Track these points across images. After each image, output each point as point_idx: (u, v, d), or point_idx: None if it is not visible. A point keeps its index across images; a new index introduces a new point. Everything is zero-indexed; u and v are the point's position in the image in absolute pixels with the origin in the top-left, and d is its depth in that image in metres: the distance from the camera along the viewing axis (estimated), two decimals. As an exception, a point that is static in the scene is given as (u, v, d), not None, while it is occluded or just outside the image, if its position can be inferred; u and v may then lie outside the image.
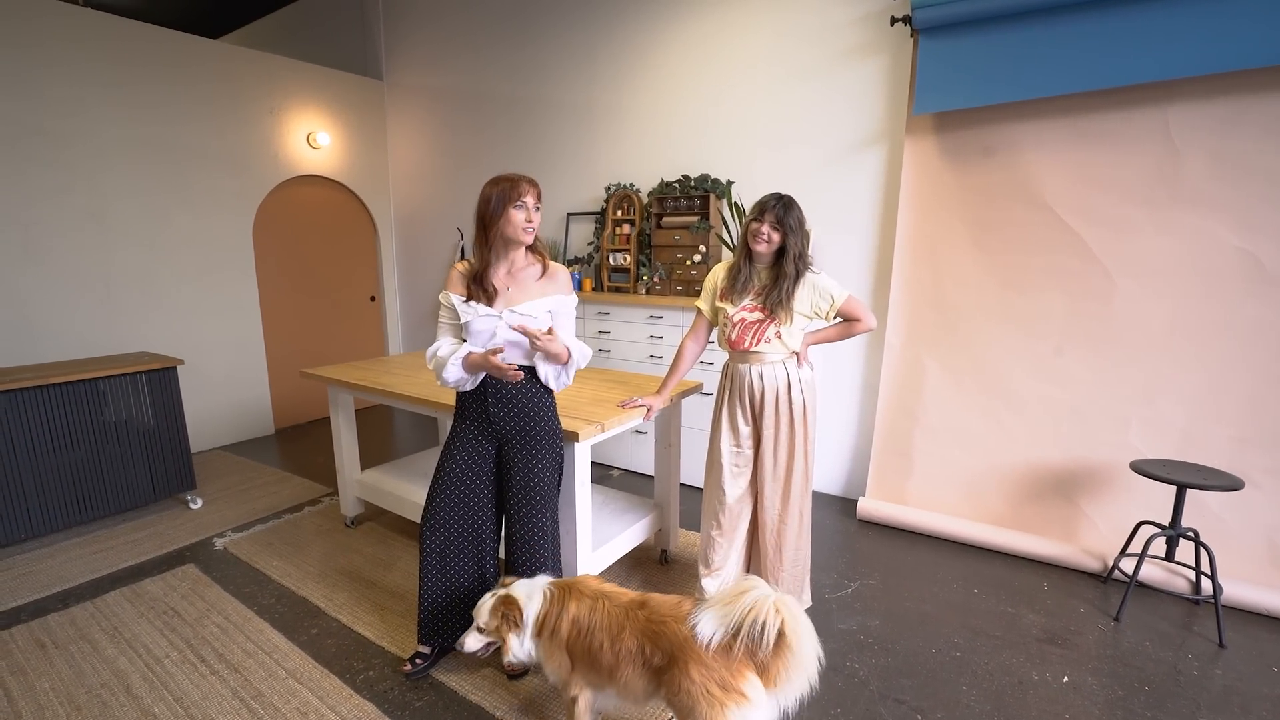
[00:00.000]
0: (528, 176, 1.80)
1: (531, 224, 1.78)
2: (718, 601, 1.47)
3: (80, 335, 3.79)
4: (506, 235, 1.78)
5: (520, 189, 1.75)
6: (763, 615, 1.40)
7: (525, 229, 1.77)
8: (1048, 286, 2.84)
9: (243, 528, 3.16)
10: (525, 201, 1.76)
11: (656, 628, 1.53)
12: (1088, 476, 2.81)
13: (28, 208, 3.56)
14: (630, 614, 1.58)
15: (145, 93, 3.95)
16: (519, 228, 1.76)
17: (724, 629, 1.43)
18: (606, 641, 1.56)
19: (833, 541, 3.02)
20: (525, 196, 1.75)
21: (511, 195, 1.75)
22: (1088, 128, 2.67)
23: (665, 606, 1.58)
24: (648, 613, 1.57)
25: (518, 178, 1.78)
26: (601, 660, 1.56)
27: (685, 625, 1.48)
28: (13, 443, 2.79)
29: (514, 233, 1.77)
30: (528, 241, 1.81)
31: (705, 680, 1.42)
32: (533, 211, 1.78)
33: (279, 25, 6.17)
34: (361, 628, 2.33)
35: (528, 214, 1.77)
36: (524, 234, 1.78)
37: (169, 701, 1.95)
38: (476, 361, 1.76)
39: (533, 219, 1.78)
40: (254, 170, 4.52)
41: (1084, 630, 2.32)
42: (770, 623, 1.40)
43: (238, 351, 4.55)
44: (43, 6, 3.54)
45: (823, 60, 3.28)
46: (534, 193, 1.78)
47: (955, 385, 3.08)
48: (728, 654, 1.43)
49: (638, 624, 1.55)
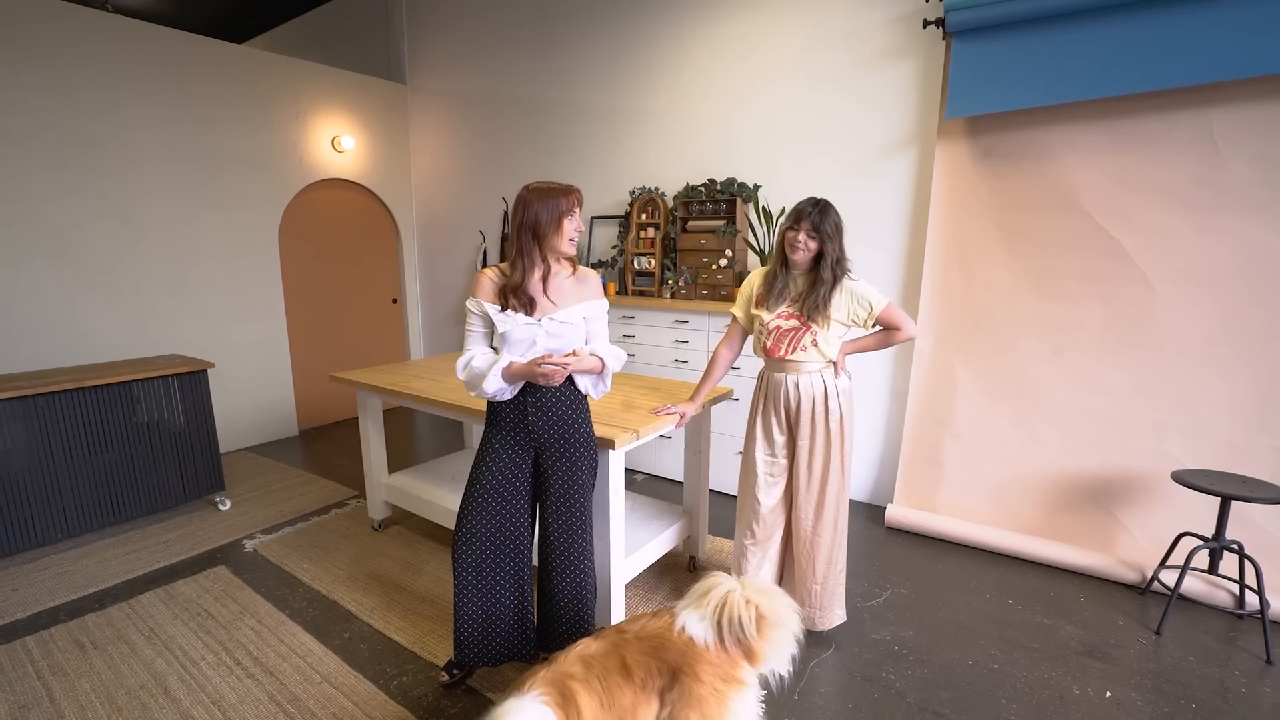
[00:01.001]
0: (572, 186, 1.80)
1: (578, 235, 1.78)
2: (691, 604, 1.53)
3: (111, 336, 3.84)
4: (553, 245, 1.77)
5: (570, 199, 1.75)
6: (736, 611, 1.47)
7: (573, 240, 1.77)
8: (1083, 293, 2.79)
9: (271, 530, 3.18)
10: (576, 212, 1.76)
11: (655, 645, 1.49)
12: (1124, 486, 2.76)
13: (63, 210, 3.62)
14: (623, 644, 1.49)
15: (175, 97, 4.00)
16: (565, 238, 1.76)
17: (709, 626, 1.49)
18: (624, 683, 1.44)
19: (861, 549, 2.99)
20: (575, 208, 1.75)
21: (566, 207, 1.74)
22: (1125, 131, 2.62)
23: (649, 624, 1.54)
24: (635, 635, 1.52)
25: (567, 188, 1.77)
26: (625, 703, 1.44)
27: (678, 633, 1.49)
28: (49, 444, 2.83)
29: (559, 244, 1.77)
30: (571, 253, 1.81)
31: (712, 679, 1.45)
32: (579, 222, 1.78)
33: (304, 30, 6.23)
34: (393, 633, 2.34)
35: (577, 224, 1.77)
36: (570, 246, 1.78)
37: (207, 704, 1.97)
38: (518, 371, 1.76)
39: (580, 228, 1.78)
40: (280, 174, 4.56)
41: (1124, 644, 2.28)
42: (745, 616, 1.47)
43: (262, 353, 4.59)
44: (77, 13, 3.59)
45: (852, 64, 3.25)
46: (580, 201, 1.78)
47: (986, 392, 3.04)
48: (721, 648, 1.48)
49: (635, 651, 1.48)
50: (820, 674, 2.12)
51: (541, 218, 1.74)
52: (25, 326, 3.51)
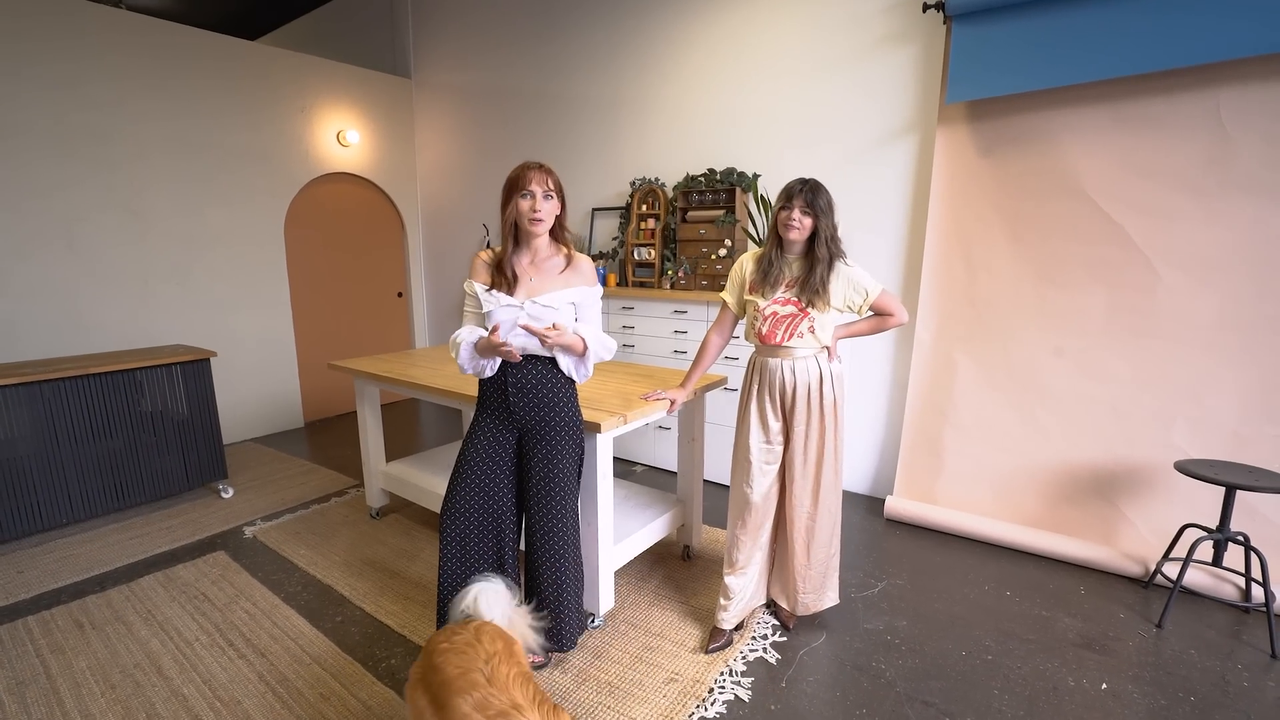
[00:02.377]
0: (540, 164, 1.78)
1: (538, 213, 1.76)
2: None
3: (120, 328, 3.90)
4: (517, 224, 1.77)
5: (525, 178, 1.74)
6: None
7: (531, 218, 1.76)
8: (1087, 279, 2.73)
9: (271, 517, 3.22)
10: (532, 190, 1.74)
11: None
12: (1128, 477, 2.70)
13: (70, 203, 3.68)
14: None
15: (182, 91, 4.05)
16: (525, 217, 1.75)
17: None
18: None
19: (859, 540, 2.95)
20: (531, 185, 1.74)
21: (518, 184, 1.74)
22: (1130, 113, 2.56)
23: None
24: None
25: (526, 166, 1.77)
26: None
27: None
28: (55, 431, 2.88)
29: (521, 222, 1.77)
30: (536, 231, 1.80)
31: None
32: (540, 200, 1.75)
33: (313, 26, 6.29)
34: (384, 616, 2.35)
35: (533, 203, 1.75)
36: (530, 224, 1.77)
37: (198, 683, 1.99)
38: (484, 347, 1.77)
39: (539, 208, 1.76)
40: (286, 168, 4.61)
41: (1124, 636, 2.23)
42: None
43: (269, 345, 4.64)
44: (83, 8, 3.65)
45: (852, 51, 3.21)
46: (543, 180, 1.75)
47: (988, 382, 2.98)
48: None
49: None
50: (809, 662, 2.10)
51: (504, 197, 1.76)
52: (33, 317, 3.58)
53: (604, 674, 2.04)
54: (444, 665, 1.31)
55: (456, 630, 1.43)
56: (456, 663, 1.31)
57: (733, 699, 1.92)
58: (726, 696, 1.93)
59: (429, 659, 1.37)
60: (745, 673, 2.05)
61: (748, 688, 1.98)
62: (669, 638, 2.23)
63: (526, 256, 1.85)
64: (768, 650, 2.16)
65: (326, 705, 1.90)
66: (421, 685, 1.33)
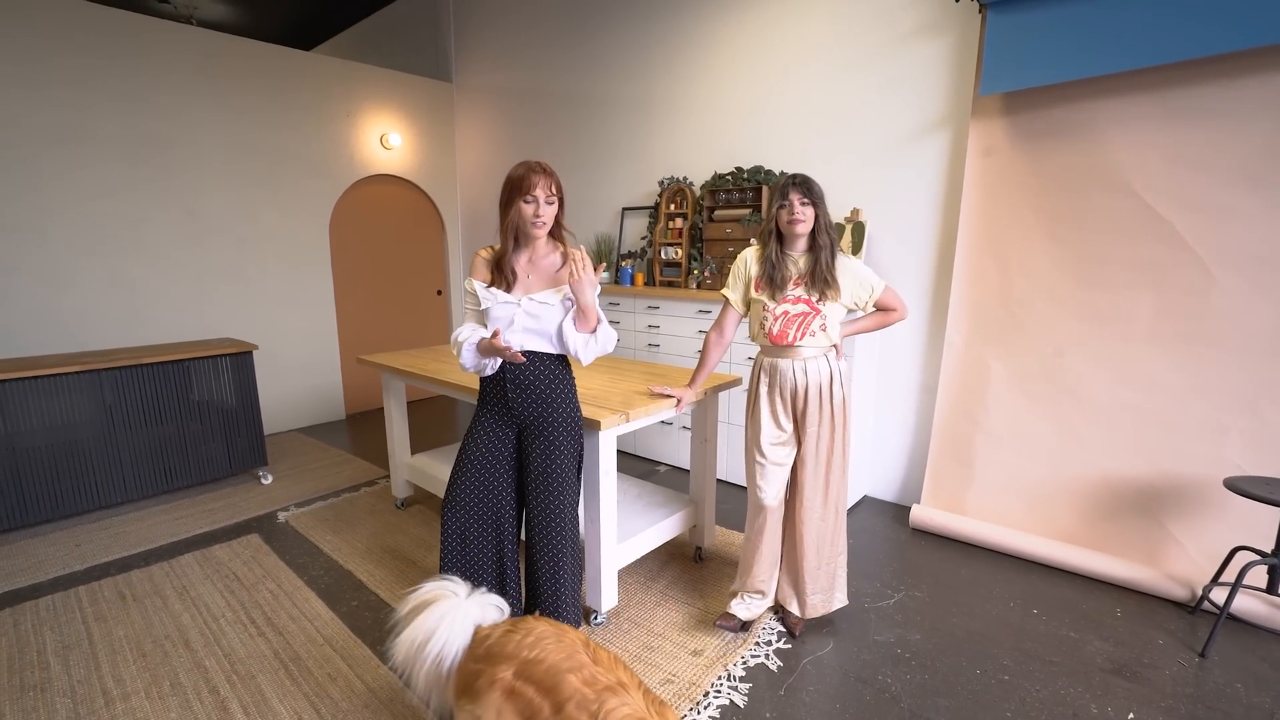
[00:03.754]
0: (543, 166, 1.77)
1: (540, 218, 1.76)
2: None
3: (176, 321, 4.17)
4: (518, 226, 1.78)
5: (530, 182, 1.73)
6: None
7: (534, 223, 1.77)
8: (1132, 281, 2.56)
9: (304, 503, 3.37)
10: (535, 196, 1.74)
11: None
12: (1176, 493, 2.51)
13: (135, 204, 3.95)
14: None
15: (240, 100, 4.29)
16: (527, 221, 1.77)
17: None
18: None
19: (880, 549, 2.86)
20: (535, 190, 1.73)
21: (521, 186, 1.74)
22: (1180, 103, 2.38)
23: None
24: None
25: (530, 169, 1.75)
26: None
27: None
28: (113, 416, 3.10)
29: (523, 226, 1.78)
30: (538, 236, 1.81)
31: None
32: (543, 206, 1.76)
33: (364, 34, 6.56)
34: (397, 603, 2.42)
35: (536, 208, 1.75)
36: (532, 228, 1.78)
37: (219, 657, 2.10)
38: (485, 348, 1.79)
39: (541, 213, 1.76)
40: (332, 170, 4.82)
41: (1160, 664, 2.07)
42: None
43: (313, 340, 4.87)
44: (150, 25, 3.92)
45: (882, 44, 3.11)
46: (547, 186, 1.75)
47: (1022, 388, 2.83)
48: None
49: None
50: (812, 671, 2.04)
51: (504, 195, 1.77)
52: (99, 310, 3.87)
53: (601, 671, 2.04)
54: (544, 655, 1.31)
55: (514, 628, 1.39)
56: (556, 649, 1.32)
57: (727, 704, 1.89)
58: (722, 701, 1.90)
59: (514, 655, 1.33)
60: (744, 678, 2.01)
61: (745, 693, 1.94)
62: (670, 638, 2.21)
63: (525, 255, 1.87)
64: (770, 656, 2.11)
65: (333, 685, 1.97)
66: (520, 679, 1.30)
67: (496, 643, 1.36)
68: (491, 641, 1.37)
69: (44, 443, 2.93)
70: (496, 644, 1.36)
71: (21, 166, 3.56)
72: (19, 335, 3.61)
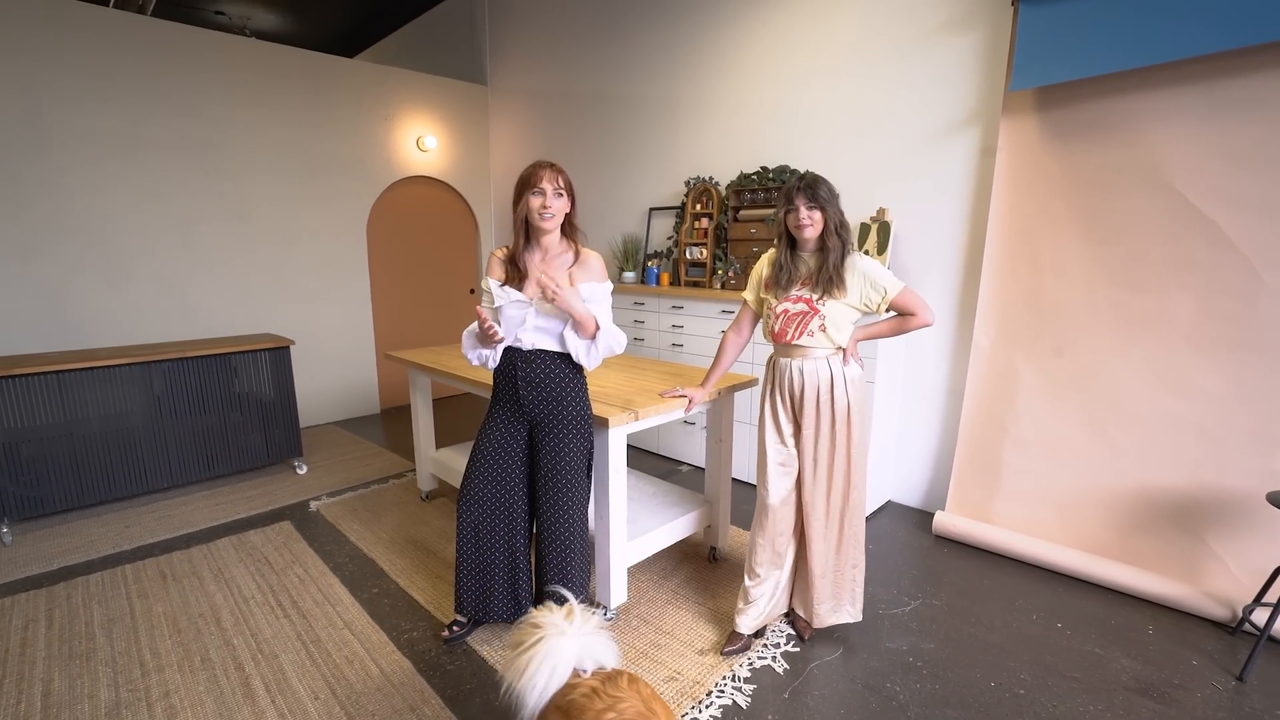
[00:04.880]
0: (551, 163, 1.85)
1: (549, 210, 1.81)
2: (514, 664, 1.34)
3: (223, 316, 4.38)
4: (528, 221, 1.83)
5: (537, 176, 1.81)
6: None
7: (542, 214, 1.81)
8: (1172, 283, 2.44)
9: (335, 493, 3.50)
10: (543, 188, 1.80)
11: None
12: (1217, 507, 2.38)
13: (187, 207, 4.18)
14: None
15: (285, 106, 4.49)
16: (535, 213, 1.81)
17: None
18: None
19: (900, 556, 2.80)
20: (541, 183, 1.80)
21: (530, 182, 1.80)
22: (1228, 94, 2.26)
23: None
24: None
25: (538, 165, 1.84)
26: None
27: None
28: (160, 406, 3.29)
29: (532, 218, 1.82)
30: (546, 228, 1.85)
31: None
32: (550, 198, 1.81)
33: (403, 40, 6.76)
34: (415, 592, 2.50)
35: (544, 200, 1.81)
36: (541, 220, 1.82)
37: (246, 636, 2.21)
38: (477, 333, 1.85)
39: (549, 205, 1.81)
40: (369, 172, 4.99)
41: (1192, 686, 1.97)
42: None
43: (350, 337, 5.04)
44: (201, 35, 4.13)
45: (909, 41, 3.04)
46: (554, 179, 1.81)
47: (1053, 394, 2.73)
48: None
49: None
50: (819, 676, 2.02)
51: (516, 194, 1.82)
52: (153, 305, 4.10)
53: (607, 666, 2.06)
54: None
55: (599, 693, 1.26)
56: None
57: (730, 704, 1.89)
58: (724, 701, 1.90)
59: None
60: (749, 679, 2.00)
61: (748, 695, 1.93)
62: (678, 637, 2.22)
63: (537, 253, 1.91)
64: (777, 659, 2.10)
65: (349, 667, 2.05)
66: None
67: (578, 702, 1.26)
68: (573, 698, 1.27)
69: (99, 430, 3.13)
70: (577, 704, 1.26)
71: (87, 173, 3.80)
72: (81, 328, 3.86)
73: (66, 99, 3.70)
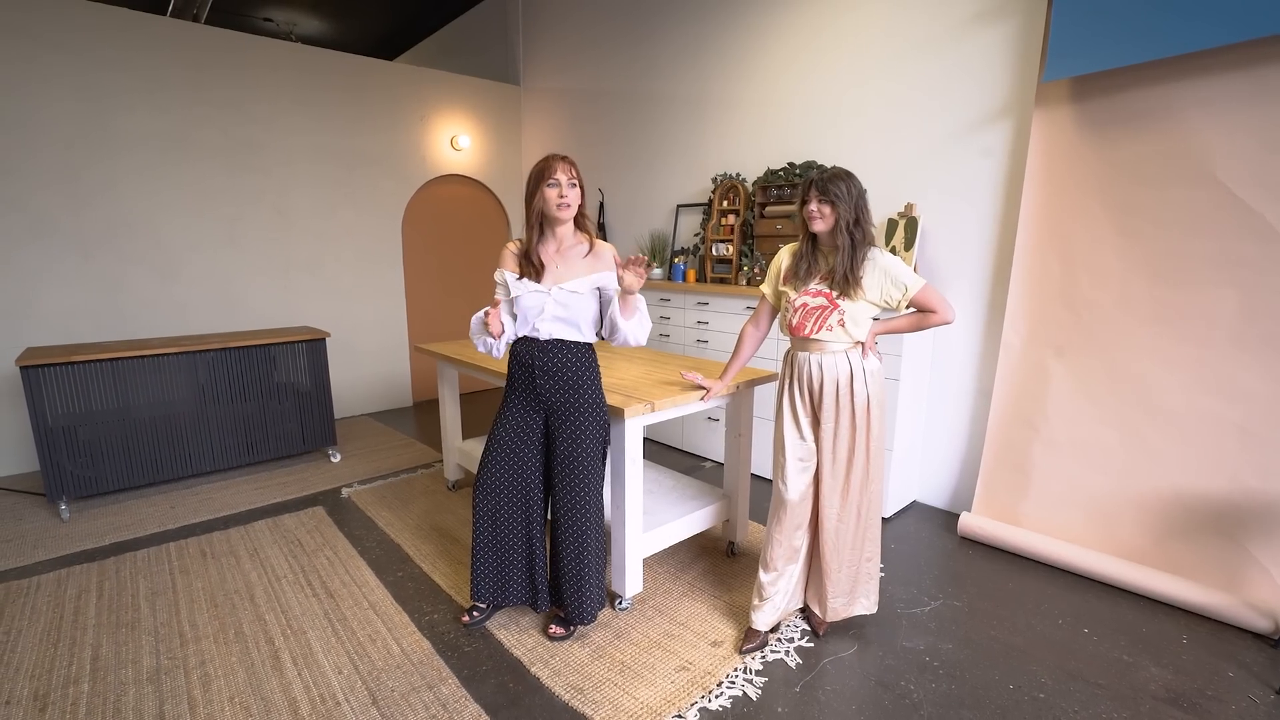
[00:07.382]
0: (564, 155, 1.89)
1: (565, 200, 1.85)
2: None
3: (265, 310, 4.57)
4: (544, 212, 1.87)
5: (551, 168, 1.85)
6: None
7: (559, 205, 1.85)
8: (1214, 279, 2.34)
9: (366, 481, 3.62)
10: (557, 179, 1.84)
11: None
12: (1261, 513, 2.27)
13: (232, 205, 4.37)
14: None
15: (326, 107, 4.65)
16: (551, 204, 1.85)
17: None
18: None
19: (923, 556, 2.75)
20: (556, 174, 1.84)
21: (544, 174, 1.84)
22: (1275, 80, 2.15)
23: None
24: None
25: (551, 157, 1.88)
26: None
27: None
28: (204, 394, 3.46)
29: (549, 209, 1.86)
30: (563, 218, 1.89)
31: None
32: (566, 188, 1.85)
33: (441, 42, 6.93)
34: (437, 577, 2.57)
35: (560, 190, 1.85)
36: (558, 210, 1.86)
37: (277, 613, 2.32)
38: (480, 321, 1.91)
39: (566, 195, 1.85)
40: (405, 171, 5.13)
41: (1226, 698, 1.89)
42: None
43: (385, 330, 5.20)
44: (247, 40, 4.32)
45: (940, 33, 2.99)
46: (567, 170, 1.85)
47: (1086, 394, 2.65)
48: None
49: None
50: (832, 671, 2.01)
51: (530, 187, 1.86)
52: (200, 299, 4.31)
53: (620, 653, 2.09)
54: None
55: None
56: None
57: (740, 695, 1.90)
58: (735, 692, 1.91)
59: None
60: (761, 672, 2.00)
61: (759, 687, 1.94)
62: (692, 628, 2.23)
63: (552, 245, 1.95)
64: (790, 653, 2.09)
65: (372, 646, 2.13)
66: None
67: None
68: None
69: (148, 415, 3.30)
70: None
71: (142, 173, 4.02)
72: (135, 319, 4.08)
73: (125, 104, 3.91)
